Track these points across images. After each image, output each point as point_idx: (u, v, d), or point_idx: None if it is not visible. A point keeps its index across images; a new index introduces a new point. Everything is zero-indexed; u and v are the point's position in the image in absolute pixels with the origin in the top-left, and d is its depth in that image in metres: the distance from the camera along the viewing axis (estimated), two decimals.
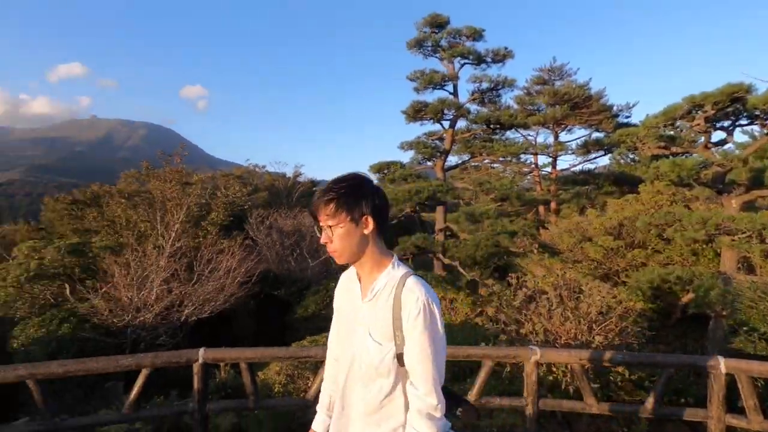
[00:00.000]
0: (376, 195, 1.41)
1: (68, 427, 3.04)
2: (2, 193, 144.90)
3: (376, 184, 1.48)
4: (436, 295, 1.40)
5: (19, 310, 8.89)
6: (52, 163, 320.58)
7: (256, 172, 23.37)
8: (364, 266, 1.44)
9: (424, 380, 1.34)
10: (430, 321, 1.33)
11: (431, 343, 1.33)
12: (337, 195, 1.37)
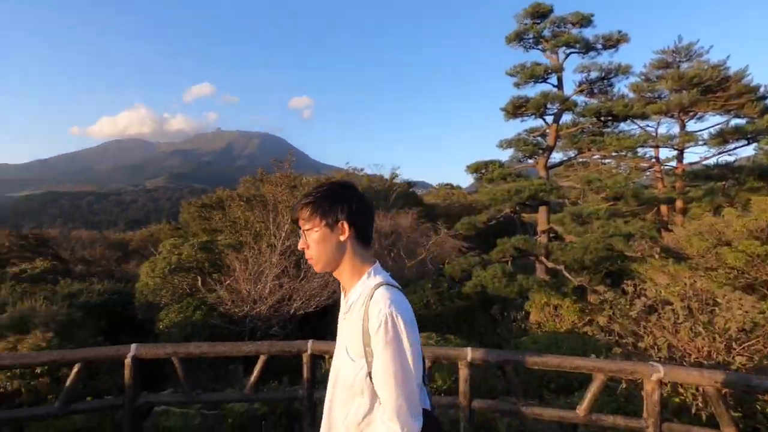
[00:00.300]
0: (354, 201, 1.34)
1: (202, 401, 3.51)
2: (150, 197, 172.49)
3: (360, 191, 1.43)
4: (406, 306, 1.27)
5: (163, 298, 10.47)
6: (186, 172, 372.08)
7: (355, 174, 24.43)
8: (343, 276, 1.38)
9: (386, 402, 1.21)
10: (393, 335, 1.20)
11: (392, 361, 1.19)
12: (313, 199, 1.34)
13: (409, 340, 1.21)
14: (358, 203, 1.35)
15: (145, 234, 27.52)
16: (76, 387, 3.27)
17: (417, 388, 1.22)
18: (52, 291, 11.90)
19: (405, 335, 1.21)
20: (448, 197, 27.37)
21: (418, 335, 1.27)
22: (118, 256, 21.81)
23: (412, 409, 1.20)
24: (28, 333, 4.40)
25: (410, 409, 1.20)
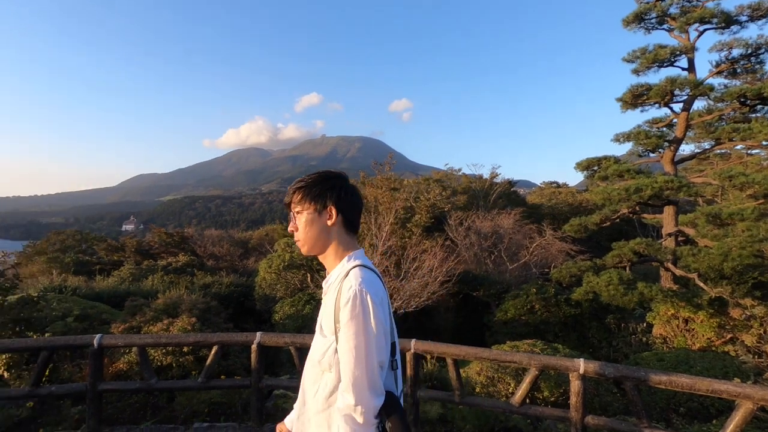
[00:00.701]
0: (344, 190, 1.40)
1: None
2: (265, 200, 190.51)
3: (350, 182, 1.46)
4: (377, 287, 1.29)
5: (278, 291, 11.53)
6: (296, 176, 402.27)
7: (453, 175, 24.17)
8: (327, 259, 1.42)
9: (344, 374, 1.21)
10: (359, 310, 1.21)
11: (355, 335, 1.20)
12: (305, 184, 1.40)
13: (374, 318, 1.22)
14: (347, 192, 1.41)
15: (262, 233, 30.48)
16: (214, 366, 3.79)
17: (379, 366, 1.23)
18: (191, 282, 13.84)
19: (371, 312, 1.22)
20: (554, 196, 25.61)
21: (387, 316, 1.29)
22: (240, 252, 24.46)
23: (371, 384, 1.20)
24: (177, 317, 5.22)
25: (368, 383, 1.20)
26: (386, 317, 1.29)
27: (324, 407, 1.30)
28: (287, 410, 4.12)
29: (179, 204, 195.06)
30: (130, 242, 24.28)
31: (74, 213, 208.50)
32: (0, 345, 3.79)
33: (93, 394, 3.65)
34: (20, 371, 5.19)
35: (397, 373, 1.36)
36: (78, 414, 4.07)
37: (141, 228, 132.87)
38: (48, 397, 3.94)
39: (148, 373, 3.74)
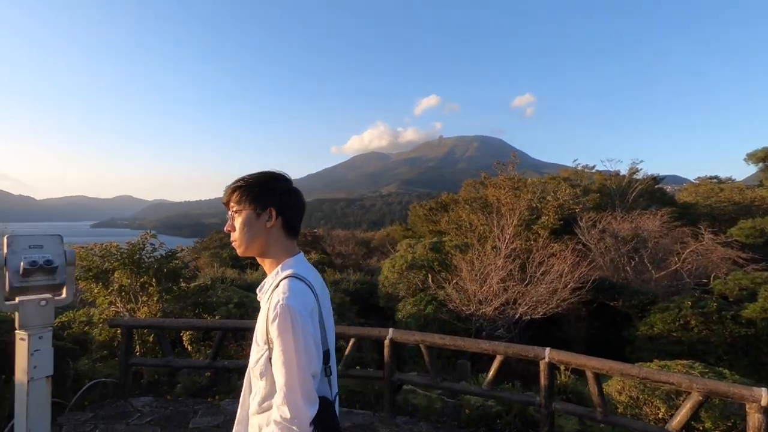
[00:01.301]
0: (286, 192, 1.36)
1: (443, 387, 3.90)
2: (385, 202, 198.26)
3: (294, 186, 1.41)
4: (304, 299, 1.26)
5: (400, 291, 11.95)
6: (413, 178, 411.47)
7: (585, 172, 22.11)
8: (265, 263, 1.39)
9: (278, 388, 1.22)
10: (287, 326, 1.20)
11: (285, 351, 1.20)
12: (245, 183, 1.35)
13: (303, 332, 1.22)
14: (288, 195, 1.38)
15: (383, 234, 31.79)
16: (351, 356, 4.13)
17: (311, 377, 1.23)
18: (323, 278, 15.14)
19: (300, 327, 1.21)
20: (713, 194, 21.63)
21: (315, 326, 1.27)
22: (364, 252, 25.93)
23: (305, 396, 1.22)
24: None
25: (302, 395, 1.21)
26: (317, 328, 1.28)
27: (257, 411, 1.32)
28: (416, 405, 4.28)
29: (310, 206, 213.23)
30: None
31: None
32: (189, 323, 4.67)
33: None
34: (199, 346, 6.32)
35: (331, 378, 1.36)
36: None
37: None
38: (221, 370, 4.72)
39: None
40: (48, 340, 2.90)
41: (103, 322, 5.58)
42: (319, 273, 1.52)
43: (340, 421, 1.28)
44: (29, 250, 2.81)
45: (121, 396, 4.46)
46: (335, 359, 1.44)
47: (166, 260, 5.87)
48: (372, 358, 5.80)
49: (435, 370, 3.90)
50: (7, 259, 2.69)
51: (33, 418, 2.82)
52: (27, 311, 2.79)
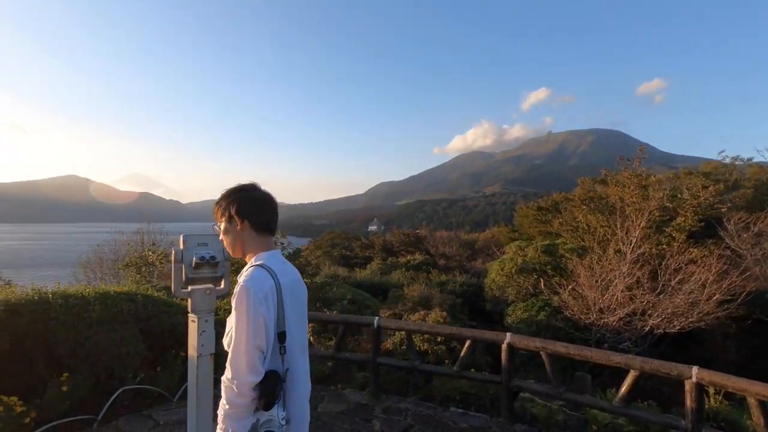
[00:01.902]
0: (243, 200, 1.61)
1: (566, 399, 3.69)
2: (488, 202, 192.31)
3: (255, 192, 1.66)
4: (261, 283, 1.47)
5: (509, 294, 11.53)
6: (519, 177, 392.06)
7: (733, 165, 18.88)
8: (247, 259, 1.65)
9: (230, 352, 1.45)
10: (240, 303, 1.43)
11: (237, 322, 1.43)
12: (217, 201, 1.65)
13: (253, 309, 1.43)
14: (246, 201, 1.63)
15: (488, 235, 30.90)
16: (467, 358, 4.14)
17: (257, 349, 1.43)
18: (427, 279, 15.29)
19: (251, 305, 1.43)
20: None
21: (269, 308, 1.46)
22: (468, 253, 25.49)
23: (249, 363, 1.42)
24: (430, 309, 5.93)
25: (246, 363, 1.42)
26: (270, 310, 1.47)
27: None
28: (535, 415, 4.12)
29: (411, 207, 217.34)
30: (377, 241, 28.62)
31: (335, 216, 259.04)
32: (317, 316, 5.12)
33: (373, 365, 4.53)
34: (319, 337, 6.88)
35: (284, 357, 1.53)
36: (361, 378, 5.12)
37: (382, 229, 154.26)
38: (343, 361, 5.08)
39: (413, 355, 4.39)
40: (211, 324, 3.44)
41: None
42: (295, 269, 1.75)
43: (456, 422, 1.33)
44: (198, 247, 3.37)
45: None
46: (303, 342, 1.69)
47: (293, 258, 6.49)
48: (486, 362, 5.72)
49: (557, 379, 3.72)
50: (183, 255, 3.27)
51: (201, 387, 3.36)
52: (197, 298, 3.35)
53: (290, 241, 6.91)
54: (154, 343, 4.90)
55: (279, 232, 6.67)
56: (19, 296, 4.36)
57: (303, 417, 1.65)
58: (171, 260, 3.34)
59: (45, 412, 3.79)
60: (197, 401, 3.37)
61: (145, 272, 13.20)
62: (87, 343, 4.25)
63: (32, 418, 3.61)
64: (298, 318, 1.64)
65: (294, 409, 1.59)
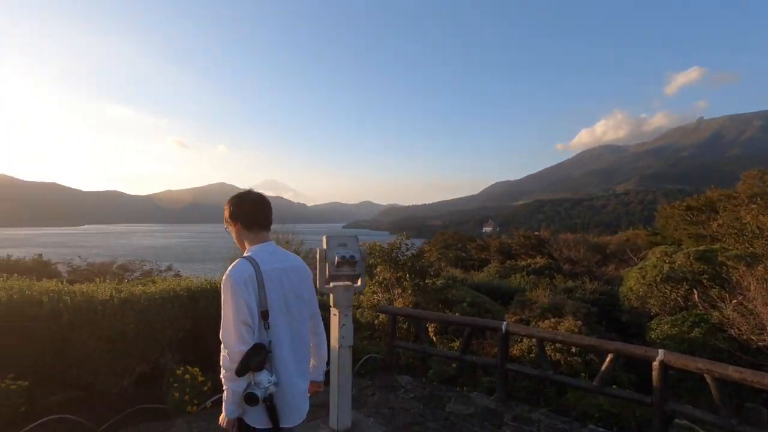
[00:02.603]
0: (235, 205, 2.01)
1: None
2: (620, 201, 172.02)
3: (244, 197, 2.04)
4: (241, 272, 1.81)
5: (651, 306, 10.17)
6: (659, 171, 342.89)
7: None
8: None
9: (221, 331, 1.81)
10: (224, 288, 1.80)
11: (223, 303, 1.79)
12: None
13: (232, 292, 1.76)
14: (237, 206, 1.99)
15: (622, 239, 27.73)
16: (609, 373, 3.80)
17: (243, 324, 1.75)
18: (551, 284, 14.30)
19: (230, 289, 1.77)
20: None
21: (249, 291, 1.78)
22: (597, 258, 23.19)
23: (236, 335, 1.74)
24: (562, 317, 5.58)
25: (235, 335, 1.74)
26: (250, 292, 1.78)
27: None
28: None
29: (529, 208, 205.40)
30: (493, 243, 27.70)
31: (448, 217, 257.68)
32: (444, 317, 5.21)
33: (501, 370, 4.42)
34: (442, 338, 6.94)
35: (269, 331, 1.83)
36: (487, 383, 5.04)
37: (497, 230, 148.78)
38: (467, 363, 5.07)
39: (545, 363, 4.17)
40: (350, 318, 3.75)
41: (369, 307, 6.79)
42: (290, 256, 2.04)
43: None
44: (338, 247, 3.70)
45: (388, 371, 5.31)
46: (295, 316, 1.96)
47: (416, 259, 6.68)
48: (628, 380, 5.16)
49: (729, 408, 3.19)
50: (326, 254, 3.62)
51: (342, 374, 3.69)
52: (338, 294, 3.68)
53: (413, 242, 7.10)
54: None
55: (403, 234, 6.95)
56: (197, 284, 5.27)
57: (291, 383, 1.90)
58: (316, 259, 3.73)
59: (216, 384, 4.52)
60: (339, 387, 3.71)
61: None
62: None
63: (208, 387, 4.34)
64: (284, 298, 1.92)
65: (281, 375, 1.87)
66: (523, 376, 4.80)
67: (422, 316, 5.40)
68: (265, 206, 2.05)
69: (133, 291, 4.68)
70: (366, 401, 4.47)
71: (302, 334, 2.02)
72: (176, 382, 4.09)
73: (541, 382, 4.70)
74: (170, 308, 4.60)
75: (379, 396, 4.62)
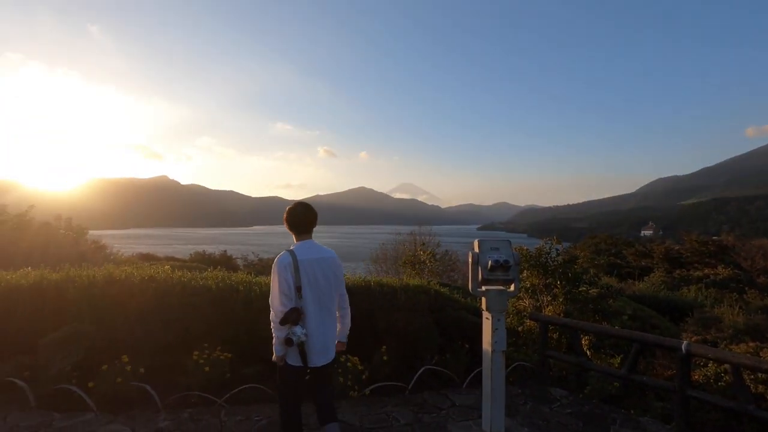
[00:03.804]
0: (288, 215, 2.87)
1: None
2: None
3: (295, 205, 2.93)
4: (285, 259, 2.70)
5: None
6: None
7: None
8: None
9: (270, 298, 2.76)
10: (273, 268, 2.70)
11: (271, 280, 2.72)
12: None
13: (277, 273, 2.66)
14: (288, 216, 2.87)
15: None
16: None
17: (282, 293, 2.63)
18: (741, 300, 11.78)
19: (276, 271, 2.67)
20: None
21: (287, 272, 2.66)
22: None
23: (278, 300, 2.64)
24: (765, 342, 4.58)
25: (276, 300, 2.65)
26: (288, 273, 2.65)
27: None
28: None
29: (704, 207, 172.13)
30: (658, 249, 23.98)
31: (596, 218, 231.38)
32: (604, 330, 4.76)
33: (681, 397, 3.84)
34: (597, 352, 6.32)
35: (301, 300, 2.68)
36: (660, 409, 4.42)
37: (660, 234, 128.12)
38: (636, 384, 4.52)
39: (744, 395, 3.48)
40: (503, 323, 3.70)
41: (514, 313, 6.56)
42: (324, 250, 2.87)
43: None
44: (491, 251, 3.69)
45: (539, 382, 5.06)
46: (320, 293, 2.77)
47: (569, 265, 6.22)
48: None
49: None
50: (479, 257, 3.64)
51: (495, 379, 3.65)
52: (490, 297, 3.66)
53: (564, 246, 6.63)
54: (442, 332, 5.61)
55: (554, 238, 6.54)
56: (353, 281, 5.81)
57: (317, 335, 2.73)
58: (468, 262, 3.78)
59: (372, 373, 4.90)
60: (491, 392, 3.68)
61: (418, 269, 15.23)
62: (398, 324, 5.25)
63: (366, 377, 4.74)
64: (315, 278, 2.73)
65: (309, 329, 2.70)
66: (709, 406, 4.08)
67: (578, 327, 5.00)
68: (305, 217, 2.88)
69: None
70: (518, 410, 4.34)
71: (327, 304, 2.82)
72: (339, 368, 4.57)
73: (737, 416, 3.94)
74: None
75: (531, 406, 4.44)
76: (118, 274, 5.04)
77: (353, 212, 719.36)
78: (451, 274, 17.26)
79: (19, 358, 4.49)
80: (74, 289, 4.77)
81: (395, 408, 4.28)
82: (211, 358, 4.46)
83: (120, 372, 4.13)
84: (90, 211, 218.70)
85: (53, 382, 4.15)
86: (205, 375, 4.37)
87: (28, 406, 4.02)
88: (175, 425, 3.74)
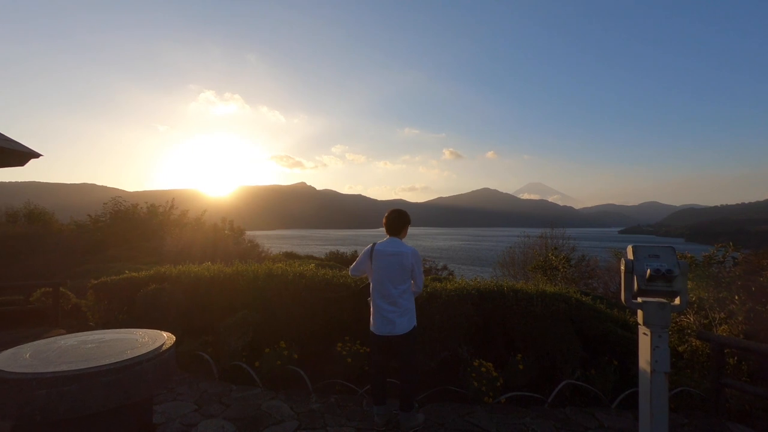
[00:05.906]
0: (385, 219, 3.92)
1: None
2: None
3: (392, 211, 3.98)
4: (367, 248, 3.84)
5: None
6: None
7: None
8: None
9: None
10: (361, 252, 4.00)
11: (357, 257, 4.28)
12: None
13: (361, 254, 3.86)
14: (385, 220, 3.89)
15: None
16: None
17: (357, 265, 3.87)
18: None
19: (361, 254, 3.86)
20: None
21: (366, 256, 3.80)
22: None
23: (354, 269, 3.91)
24: None
25: (354, 268, 3.91)
26: (366, 256, 3.79)
27: None
28: None
29: None
30: None
31: None
32: None
33: None
34: None
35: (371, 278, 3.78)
36: None
37: None
38: None
39: None
40: (665, 340, 3.24)
41: (675, 331, 5.67)
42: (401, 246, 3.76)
43: None
44: (649, 258, 3.26)
45: (711, 414, 4.30)
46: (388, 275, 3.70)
47: (752, 276, 5.14)
48: None
49: None
50: (634, 265, 3.26)
51: (654, 404, 3.22)
52: (649, 311, 3.24)
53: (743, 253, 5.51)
54: (585, 344, 5.14)
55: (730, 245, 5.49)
56: (485, 285, 5.69)
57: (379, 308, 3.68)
58: (620, 270, 3.40)
59: (507, 381, 4.74)
60: (651, 418, 3.26)
61: (550, 275, 14.14)
62: (533, 333, 4.99)
63: (501, 384, 4.60)
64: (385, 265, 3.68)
65: (375, 302, 3.72)
66: None
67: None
68: (394, 221, 3.85)
69: (435, 287, 5.48)
70: None
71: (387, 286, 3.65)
72: (473, 372, 4.52)
73: None
74: (464, 305, 5.13)
75: None
76: (276, 270, 5.78)
77: (478, 214, 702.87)
78: (588, 281, 15.67)
79: (203, 337, 5.48)
80: (243, 281, 5.64)
81: (535, 420, 4.06)
82: (352, 350, 4.82)
83: (279, 355, 4.74)
84: (242, 214, 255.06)
85: (229, 358, 4.96)
86: (347, 365, 4.74)
87: (212, 377, 4.87)
88: (324, 408, 4.14)
